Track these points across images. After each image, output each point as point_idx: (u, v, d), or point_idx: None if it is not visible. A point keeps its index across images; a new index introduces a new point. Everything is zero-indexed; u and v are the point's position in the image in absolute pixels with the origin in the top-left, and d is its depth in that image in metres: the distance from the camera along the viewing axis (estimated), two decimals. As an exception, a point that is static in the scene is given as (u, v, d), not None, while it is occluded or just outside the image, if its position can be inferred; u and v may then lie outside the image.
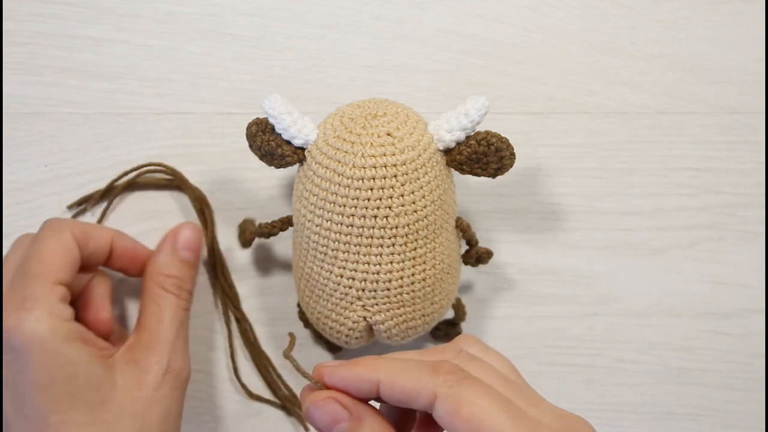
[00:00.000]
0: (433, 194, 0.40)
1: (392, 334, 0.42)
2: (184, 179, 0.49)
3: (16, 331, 0.38)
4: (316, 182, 0.39)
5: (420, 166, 0.39)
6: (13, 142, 0.50)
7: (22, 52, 0.50)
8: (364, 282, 0.40)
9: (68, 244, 0.41)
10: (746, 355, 0.50)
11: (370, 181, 0.38)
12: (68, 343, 0.38)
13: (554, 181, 0.50)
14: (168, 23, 0.50)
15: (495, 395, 0.32)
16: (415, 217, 0.39)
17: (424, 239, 0.40)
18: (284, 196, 0.50)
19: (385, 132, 0.39)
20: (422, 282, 0.41)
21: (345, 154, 0.39)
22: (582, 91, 0.51)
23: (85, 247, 0.42)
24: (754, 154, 0.51)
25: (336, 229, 0.39)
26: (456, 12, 0.51)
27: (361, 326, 0.41)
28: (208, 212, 0.49)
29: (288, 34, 0.51)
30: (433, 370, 0.33)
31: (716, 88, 0.51)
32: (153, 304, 0.43)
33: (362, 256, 0.40)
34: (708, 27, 0.51)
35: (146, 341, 0.42)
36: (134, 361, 0.41)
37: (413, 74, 0.51)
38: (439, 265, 0.41)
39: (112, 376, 0.40)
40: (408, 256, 0.40)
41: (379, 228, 0.39)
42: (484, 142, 0.39)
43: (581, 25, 0.51)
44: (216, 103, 0.50)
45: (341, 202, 0.39)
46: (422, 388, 0.32)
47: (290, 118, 0.40)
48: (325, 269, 0.41)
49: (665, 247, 0.50)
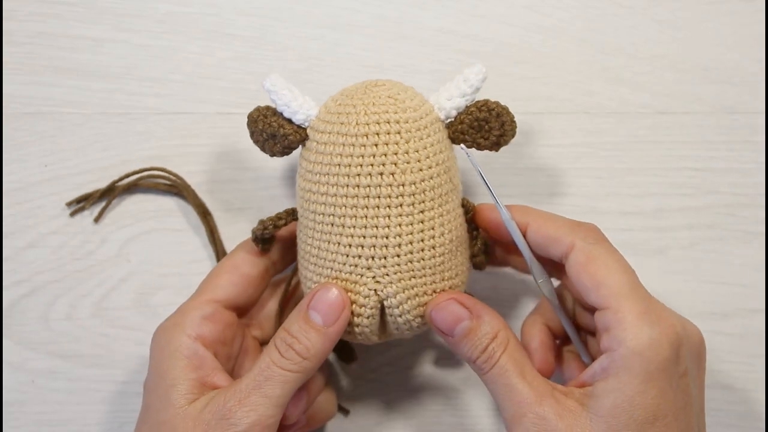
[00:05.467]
0: (438, 157, 0.40)
1: (404, 310, 0.40)
2: (186, 185, 0.49)
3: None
4: (320, 150, 0.40)
5: (423, 127, 0.40)
6: (13, 142, 0.50)
7: (22, 52, 0.50)
8: (373, 248, 0.39)
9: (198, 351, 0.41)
10: (746, 355, 0.50)
11: (375, 137, 0.39)
12: (173, 359, 0.39)
13: (554, 181, 0.50)
14: (168, 23, 0.50)
15: (623, 263, 0.38)
16: (421, 175, 0.39)
17: (431, 201, 0.40)
18: (284, 196, 0.50)
19: (386, 96, 0.39)
20: (432, 250, 0.40)
21: (348, 115, 0.39)
22: (582, 91, 0.51)
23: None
24: (754, 154, 0.51)
25: (342, 193, 0.39)
26: (456, 12, 0.51)
27: (372, 301, 0.40)
28: (210, 218, 0.49)
29: (288, 34, 0.51)
30: (577, 224, 0.39)
31: (716, 88, 0.51)
32: (264, 352, 0.40)
33: (370, 219, 0.39)
34: (708, 27, 0.51)
35: (226, 387, 0.39)
36: (207, 401, 0.38)
37: (413, 74, 0.51)
38: (448, 234, 0.41)
39: (182, 407, 0.38)
40: (416, 218, 0.39)
41: (386, 186, 0.39)
42: (485, 108, 0.40)
43: (581, 25, 0.51)
44: (216, 103, 0.50)
45: (346, 162, 0.39)
46: (563, 236, 0.39)
47: (290, 93, 0.40)
48: (332, 242, 0.40)
49: (665, 247, 0.50)
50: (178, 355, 0.39)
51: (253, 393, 0.37)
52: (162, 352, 0.40)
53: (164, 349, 0.40)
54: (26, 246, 0.49)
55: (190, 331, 0.40)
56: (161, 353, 0.40)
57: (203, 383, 0.39)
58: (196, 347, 0.40)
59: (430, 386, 0.50)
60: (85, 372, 0.49)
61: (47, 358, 0.49)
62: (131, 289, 0.49)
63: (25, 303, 0.49)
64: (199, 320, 0.41)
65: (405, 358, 0.50)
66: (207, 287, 0.43)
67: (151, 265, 0.50)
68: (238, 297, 0.43)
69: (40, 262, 0.49)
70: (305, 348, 0.38)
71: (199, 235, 0.50)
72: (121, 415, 0.49)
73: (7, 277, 0.49)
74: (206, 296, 0.42)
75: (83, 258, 0.49)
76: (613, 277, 0.37)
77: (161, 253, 0.50)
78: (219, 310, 0.42)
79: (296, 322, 0.39)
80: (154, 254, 0.50)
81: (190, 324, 0.40)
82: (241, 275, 0.43)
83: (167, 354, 0.40)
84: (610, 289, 0.36)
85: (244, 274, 0.43)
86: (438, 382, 0.50)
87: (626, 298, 0.36)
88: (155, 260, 0.50)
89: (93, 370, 0.49)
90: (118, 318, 0.49)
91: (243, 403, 0.37)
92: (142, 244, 0.50)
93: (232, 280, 0.43)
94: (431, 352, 0.50)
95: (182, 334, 0.40)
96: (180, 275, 0.50)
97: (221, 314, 0.42)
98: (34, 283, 0.49)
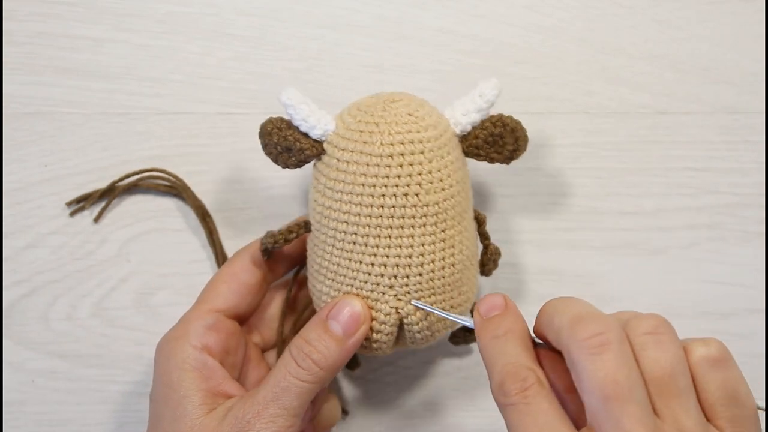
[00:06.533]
0: (457, 174, 0.40)
1: (423, 327, 0.40)
2: (186, 187, 0.49)
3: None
4: (341, 168, 0.39)
5: (443, 145, 0.40)
6: (13, 142, 0.50)
7: (22, 52, 0.50)
8: (396, 268, 0.39)
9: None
10: (746, 355, 0.49)
11: (400, 158, 0.38)
12: (181, 371, 0.39)
13: (554, 181, 0.50)
14: (168, 23, 0.50)
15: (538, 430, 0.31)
16: (443, 195, 0.39)
17: (452, 220, 0.40)
18: (284, 196, 0.50)
19: (406, 113, 0.39)
20: (452, 267, 0.40)
21: (371, 134, 0.39)
22: (582, 91, 0.51)
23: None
24: (754, 154, 0.51)
25: (366, 213, 0.39)
26: (456, 12, 0.51)
27: (392, 318, 0.40)
28: (210, 220, 0.49)
29: (288, 34, 0.51)
30: (499, 385, 0.33)
31: (716, 88, 0.51)
32: (279, 361, 0.39)
33: (394, 239, 0.39)
34: (708, 27, 0.51)
35: (243, 398, 0.39)
36: (224, 412, 0.38)
37: (413, 74, 0.51)
38: (466, 250, 0.41)
39: (198, 418, 0.38)
40: (438, 237, 0.40)
41: (411, 207, 0.39)
42: (500, 123, 0.40)
43: (581, 25, 0.51)
44: (216, 103, 0.50)
45: (371, 182, 0.39)
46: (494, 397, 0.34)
47: (308, 108, 0.40)
48: (354, 260, 0.40)
49: (665, 247, 0.50)
50: (186, 366, 0.39)
51: (271, 405, 0.37)
52: (168, 363, 0.40)
53: (170, 361, 0.40)
54: (26, 246, 0.49)
55: (195, 342, 0.40)
56: (168, 364, 0.40)
57: (215, 393, 0.39)
58: (203, 358, 0.40)
59: (431, 386, 0.50)
60: (85, 372, 0.49)
61: (47, 358, 0.49)
62: (131, 289, 0.49)
63: (25, 303, 0.49)
64: (203, 330, 0.41)
65: (405, 359, 0.50)
66: (207, 297, 0.43)
67: (151, 265, 0.50)
68: (239, 305, 0.43)
69: (40, 262, 0.49)
70: (323, 357, 0.38)
71: (199, 235, 0.50)
72: (122, 415, 0.49)
73: (7, 277, 0.49)
74: (207, 306, 0.42)
75: (83, 258, 0.49)
76: None
77: (161, 253, 0.50)
78: (221, 320, 0.42)
79: (314, 331, 0.39)
80: (154, 254, 0.50)
81: (195, 335, 0.40)
82: (240, 284, 0.43)
83: (174, 365, 0.39)
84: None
85: (243, 282, 0.43)
86: (438, 383, 0.50)
87: None
88: (155, 260, 0.50)
89: (93, 370, 0.49)
90: (118, 318, 0.49)
91: (261, 415, 0.37)
92: (142, 244, 0.50)
93: (232, 288, 0.43)
94: (431, 352, 0.50)
95: (187, 344, 0.40)
96: (180, 275, 0.50)
97: (223, 323, 0.42)
98: (34, 283, 0.49)
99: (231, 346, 0.42)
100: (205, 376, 0.39)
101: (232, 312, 0.42)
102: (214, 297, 0.42)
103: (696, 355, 0.33)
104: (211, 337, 0.41)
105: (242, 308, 0.43)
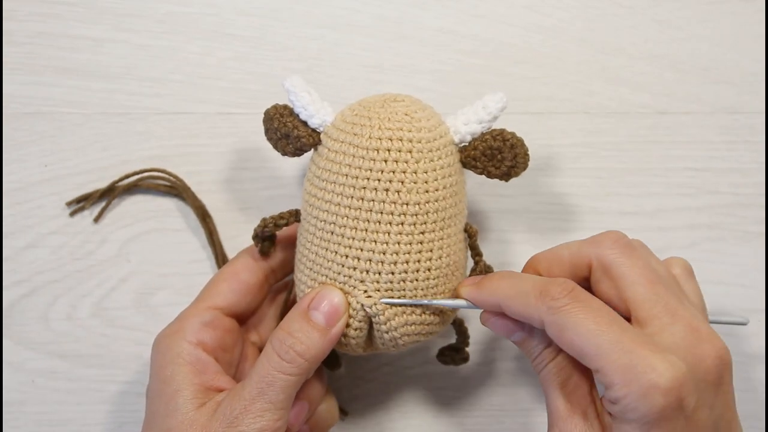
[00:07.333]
0: (446, 180, 0.40)
1: (390, 327, 0.40)
2: (186, 187, 0.49)
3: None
4: (330, 157, 0.40)
5: (436, 149, 0.40)
6: (13, 142, 0.50)
7: (22, 52, 0.50)
8: (369, 263, 0.39)
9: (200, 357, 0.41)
10: (746, 355, 0.50)
11: (385, 153, 0.39)
12: (175, 366, 0.39)
13: (554, 181, 0.50)
14: (168, 23, 0.50)
15: (598, 319, 0.34)
16: (426, 197, 0.39)
17: (433, 224, 0.40)
18: (284, 196, 0.50)
19: (403, 112, 0.39)
20: (427, 272, 0.40)
21: (362, 127, 0.39)
22: (582, 91, 0.51)
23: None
24: (754, 154, 0.51)
25: (346, 203, 0.39)
26: (456, 12, 0.51)
27: (360, 314, 0.40)
28: (210, 221, 0.49)
29: (288, 34, 0.51)
30: (540, 294, 0.36)
31: (716, 88, 0.51)
32: (262, 356, 0.39)
33: (370, 233, 0.39)
34: (708, 27, 0.51)
35: (230, 393, 0.39)
36: (214, 407, 0.38)
37: (413, 74, 0.51)
38: (446, 258, 0.41)
39: (189, 412, 0.38)
40: (416, 239, 0.39)
41: (390, 203, 0.39)
42: (500, 137, 0.40)
43: (581, 25, 0.51)
44: (216, 103, 0.50)
45: (354, 173, 0.39)
46: (531, 314, 0.36)
47: (309, 96, 0.41)
48: (330, 250, 0.40)
49: (665, 247, 0.50)
50: (180, 361, 0.39)
51: (258, 400, 0.37)
52: (163, 358, 0.40)
53: (165, 356, 0.40)
54: (26, 246, 0.49)
55: (190, 338, 0.40)
56: (163, 360, 0.40)
57: (208, 387, 0.39)
58: (197, 353, 0.40)
59: (430, 386, 0.50)
60: (85, 372, 0.49)
61: (47, 358, 0.49)
62: (131, 289, 0.49)
63: (25, 303, 0.49)
64: (199, 327, 0.41)
65: (404, 359, 0.50)
66: (206, 294, 0.43)
67: (151, 265, 0.50)
68: (238, 304, 0.43)
69: (40, 262, 0.49)
70: (306, 348, 0.38)
71: (199, 235, 0.50)
72: (122, 415, 0.49)
73: (7, 277, 0.49)
74: (206, 303, 0.42)
75: (83, 258, 0.49)
76: (590, 339, 0.34)
77: (161, 253, 0.50)
78: (218, 317, 0.42)
79: (297, 322, 0.39)
80: (154, 254, 0.50)
81: (190, 330, 0.40)
82: (240, 282, 0.43)
83: (168, 360, 0.40)
84: (589, 356, 0.34)
85: (244, 281, 0.43)
86: (438, 382, 0.50)
87: (608, 358, 0.34)
88: (155, 260, 0.50)
89: (93, 370, 0.49)
90: (118, 318, 0.49)
91: (249, 410, 0.37)
92: (142, 244, 0.50)
93: (232, 287, 0.43)
94: (431, 352, 0.50)
95: (182, 340, 0.40)
96: (180, 275, 0.50)
97: (221, 321, 0.42)
98: (34, 283, 0.49)
99: (227, 344, 0.42)
100: (198, 370, 0.39)
101: (230, 310, 0.42)
102: (213, 294, 0.42)
103: (676, 269, 0.40)
104: (207, 334, 0.41)
105: (241, 307, 0.43)
